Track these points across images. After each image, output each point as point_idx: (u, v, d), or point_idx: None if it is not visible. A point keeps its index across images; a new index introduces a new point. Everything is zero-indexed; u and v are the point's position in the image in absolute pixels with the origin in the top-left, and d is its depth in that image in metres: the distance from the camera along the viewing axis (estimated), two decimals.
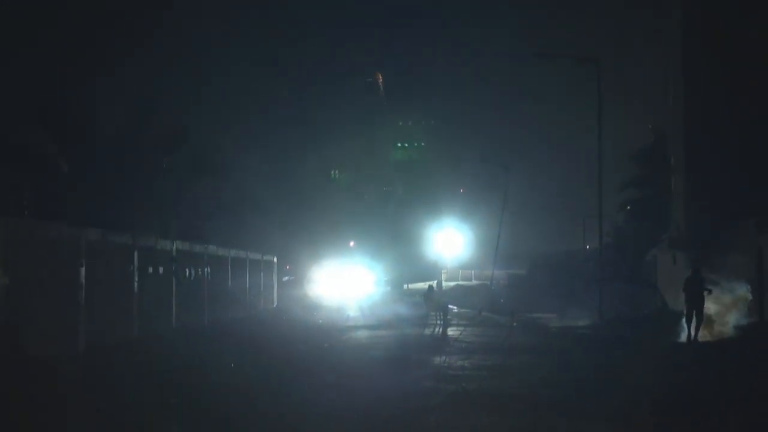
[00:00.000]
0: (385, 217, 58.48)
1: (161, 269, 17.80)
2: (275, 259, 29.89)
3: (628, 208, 28.36)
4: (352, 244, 61.62)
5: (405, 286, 44.56)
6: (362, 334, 19.44)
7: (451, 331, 19.75)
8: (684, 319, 16.02)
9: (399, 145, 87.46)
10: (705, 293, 15.61)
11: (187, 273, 19.48)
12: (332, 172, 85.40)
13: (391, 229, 55.99)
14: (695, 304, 15.60)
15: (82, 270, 14.04)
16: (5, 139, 15.32)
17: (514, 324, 22.36)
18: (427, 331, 19.75)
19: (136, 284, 16.29)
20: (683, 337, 15.98)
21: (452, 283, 48.97)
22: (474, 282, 50.05)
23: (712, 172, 21.06)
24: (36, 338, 12.35)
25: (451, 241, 50.48)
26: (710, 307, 16.27)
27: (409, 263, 46.99)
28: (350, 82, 76.23)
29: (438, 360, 13.91)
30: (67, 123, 17.98)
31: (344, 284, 40.54)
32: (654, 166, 25.85)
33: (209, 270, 21.03)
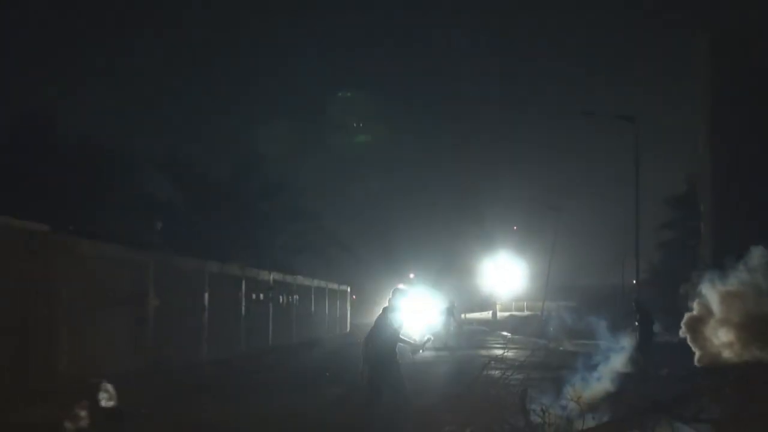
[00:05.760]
0: (444, 251, 60.34)
1: (261, 296, 20.46)
2: (348, 289, 32.48)
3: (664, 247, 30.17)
4: (411, 275, 63.58)
5: (463, 315, 46.32)
6: (426, 354, 21.69)
7: (504, 353, 21.93)
8: None
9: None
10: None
11: (281, 299, 22.14)
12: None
13: (448, 262, 57.84)
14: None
15: (206, 295, 16.74)
16: (143, 189, 18.28)
17: (560, 348, 24.38)
18: (483, 351, 21.96)
19: (243, 308, 18.96)
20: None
21: (506, 314, 50.66)
22: (526, 312, 51.67)
23: (737, 218, 22.90)
24: (173, 349, 15.00)
25: (504, 275, 52.39)
26: None
27: (466, 295, 48.78)
28: None
29: (494, 373, 16.09)
30: (186, 172, 20.98)
31: (408, 313, 42.50)
32: (687, 212, 27.73)
33: (297, 297, 23.67)
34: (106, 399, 8.64)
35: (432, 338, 12.07)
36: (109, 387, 8.71)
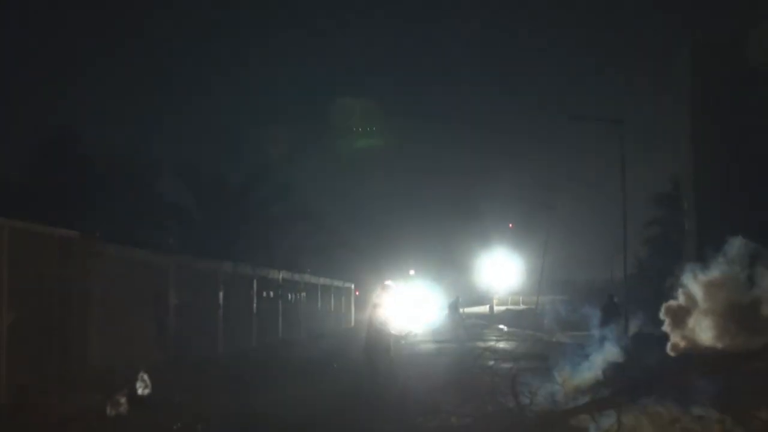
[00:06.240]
0: (442, 248, 61.12)
1: (271, 294, 21.20)
2: (353, 286, 33.25)
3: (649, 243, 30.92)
4: (411, 272, 64.35)
5: (461, 310, 46.98)
6: (429, 346, 22.55)
7: (501, 344, 22.82)
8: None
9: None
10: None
11: (289, 297, 22.89)
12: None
13: (447, 258, 58.63)
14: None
15: (221, 293, 17.44)
16: (160, 195, 19.06)
17: (553, 339, 25.23)
18: (481, 343, 22.80)
19: (255, 305, 19.68)
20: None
21: (503, 308, 51.47)
22: (522, 306, 52.47)
23: (718, 214, 23.63)
24: (192, 343, 15.70)
25: (501, 270, 53.28)
26: None
27: (464, 290, 49.59)
28: None
29: (486, 363, 16.90)
30: (199, 178, 21.78)
31: (407, 308, 43.12)
32: (671, 209, 28.51)
33: (305, 295, 24.43)
34: (142, 388, 9.38)
35: (412, 331, 12.95)
36: (146, 377, 9.46)
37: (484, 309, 50.49)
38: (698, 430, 7.30)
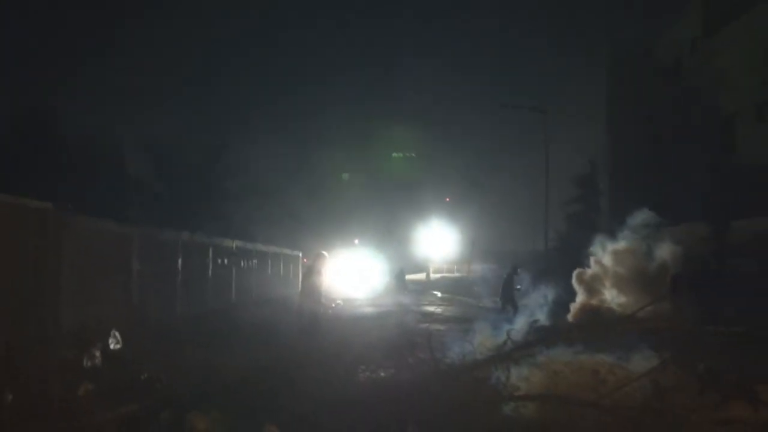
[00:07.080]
0: (384, 219, 62.56)
1: (226, 261, 22.05)
2: (300, 254, 34.25)
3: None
4: (356, 241, 65.59)
5: (405, 278, 48.29)
6: (370, 310, 23.83)
7: (432, 308, 24.25)
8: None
9: (395, 155, 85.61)
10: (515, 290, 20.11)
11: (242, 264, 23.78)
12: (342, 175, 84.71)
13: (388, 229, 60.10)
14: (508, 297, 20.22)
15: (179, 261, 18.24)
16: (125, 170, 19.69)
17: (479, 305, 26.85)
18: (414, 308, 24.21)
19: (210, 271, 20.53)
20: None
21: (438, 275, 53.20)
22: (456, 274, 54.29)
23: (628, 195, 25.44)
24: (153, 306, 16.51)
25: (438, 240, 55.04)
26: None
27: (404, 259, 51.08)
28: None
29: (415, 324, 18.24)
30: (163, 155, 22.42)
31: (351, 276, 44.25)
32: (589, 189, 30.32)
33: (256, 262, 25.35)
34: (114, 343, 10.25)
35: (341, 303, 14.02)
36: (117, 334, 10.33)
37: (421, 276, 52.11)
38: (577, 378, 8.64)
